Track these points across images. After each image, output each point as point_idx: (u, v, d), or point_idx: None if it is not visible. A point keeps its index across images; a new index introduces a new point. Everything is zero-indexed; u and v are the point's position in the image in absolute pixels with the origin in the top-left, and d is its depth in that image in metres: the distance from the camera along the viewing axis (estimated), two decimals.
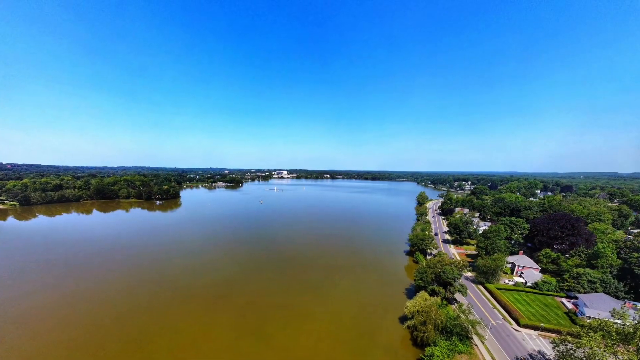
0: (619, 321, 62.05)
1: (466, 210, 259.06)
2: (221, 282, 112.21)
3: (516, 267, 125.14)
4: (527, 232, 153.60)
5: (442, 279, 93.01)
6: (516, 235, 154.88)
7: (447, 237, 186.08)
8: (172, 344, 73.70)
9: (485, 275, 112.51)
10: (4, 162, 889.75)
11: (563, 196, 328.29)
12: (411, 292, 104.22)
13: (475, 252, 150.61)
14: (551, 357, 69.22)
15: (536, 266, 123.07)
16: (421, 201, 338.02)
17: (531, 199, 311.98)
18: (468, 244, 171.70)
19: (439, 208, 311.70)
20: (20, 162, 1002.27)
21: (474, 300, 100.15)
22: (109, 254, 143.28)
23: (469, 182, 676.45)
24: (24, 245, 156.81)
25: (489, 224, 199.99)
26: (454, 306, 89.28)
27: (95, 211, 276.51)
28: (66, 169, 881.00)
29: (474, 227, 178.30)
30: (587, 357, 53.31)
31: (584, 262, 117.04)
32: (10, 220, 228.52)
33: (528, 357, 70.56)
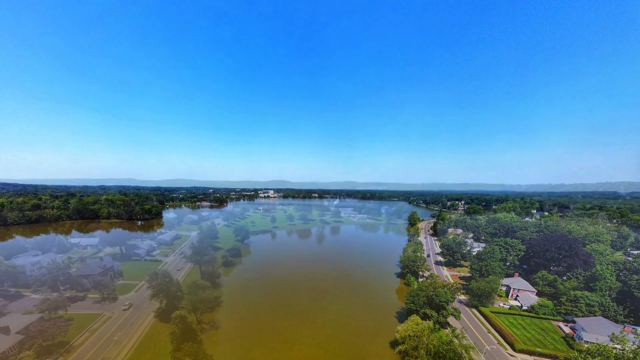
0: (618, 346, 60.89)
1: (460, 230, 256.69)
2: None
3: (511, 289, 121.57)
4: (522, 253, 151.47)
5: (434, 302, 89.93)
6: (511, 257, 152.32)
7: (440, 258, 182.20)
8: None
9: (479, 298, 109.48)
10: None
11: (560, 216, 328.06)
12: (402, 316, 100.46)
13: (469, 274, 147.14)
14: None
15: (532, 289, 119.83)
16: (413, 221, 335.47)
17: (527, 219, 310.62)
18: (462, 265, 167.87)
19: (431, 229, 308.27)
20: None
21: (467, 325, 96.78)
22: None
23: (463, 202, 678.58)
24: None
25: (483, 245, 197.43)
26: (447, 330, 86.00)
27: (74, 232, 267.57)
28: (44, 187, 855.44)
29: (468, 248, 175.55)
30: None
31: (582, 285, 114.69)
32: None
33: None
